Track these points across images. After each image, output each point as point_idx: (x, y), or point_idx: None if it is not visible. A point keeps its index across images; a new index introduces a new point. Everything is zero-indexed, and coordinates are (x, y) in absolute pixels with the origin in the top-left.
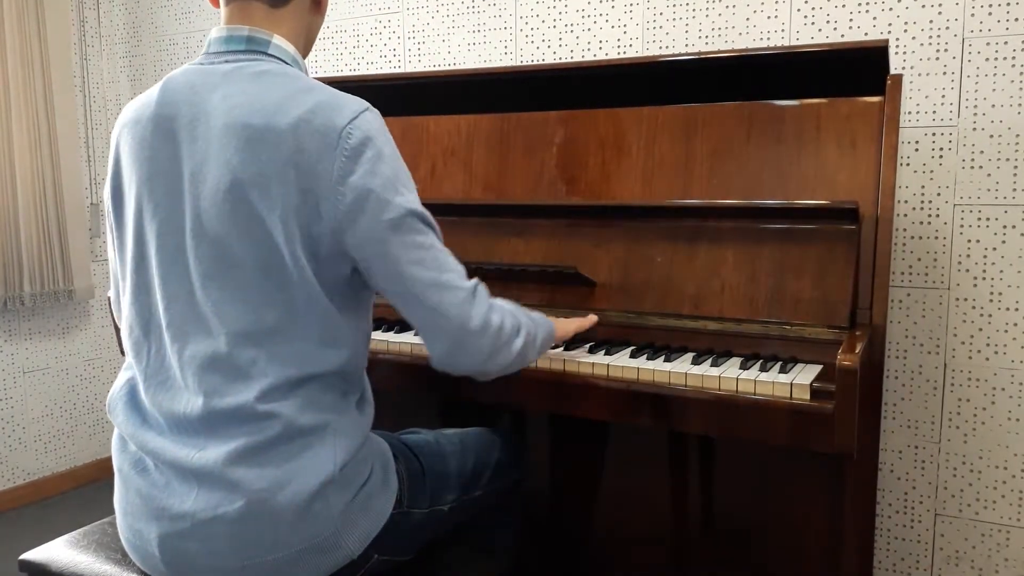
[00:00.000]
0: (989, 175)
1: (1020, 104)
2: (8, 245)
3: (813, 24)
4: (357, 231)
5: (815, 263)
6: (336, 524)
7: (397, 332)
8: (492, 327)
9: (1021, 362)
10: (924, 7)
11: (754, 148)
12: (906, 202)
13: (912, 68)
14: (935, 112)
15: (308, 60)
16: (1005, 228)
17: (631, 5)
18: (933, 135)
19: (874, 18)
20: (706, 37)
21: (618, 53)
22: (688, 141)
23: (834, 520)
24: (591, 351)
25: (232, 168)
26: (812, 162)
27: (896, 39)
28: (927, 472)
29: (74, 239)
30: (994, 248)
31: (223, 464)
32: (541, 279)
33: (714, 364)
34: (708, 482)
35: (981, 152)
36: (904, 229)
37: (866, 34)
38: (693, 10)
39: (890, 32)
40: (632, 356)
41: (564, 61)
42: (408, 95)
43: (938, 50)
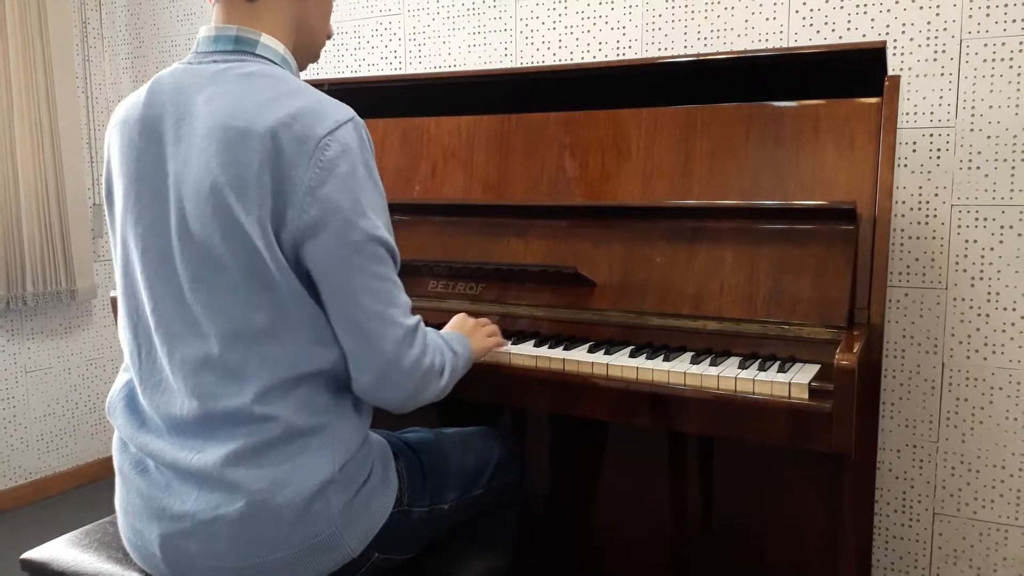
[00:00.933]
0: (986, 176)
1: (1017, 105)
2: (11, 245)
3: (811, 26)
4: (317, 245)
5: (813, 263)
6: (336, 523)
7: None
8: (422, 368)
9: (1019, 361)
10: (922, 9)
11: (753, 149)
12: (904, 203)
13: (910, 69)
14: (933, 113)
15: None
16: (1002, 228)
17: (630, 7)
18: (931, 136)
19: (872, 19)
20: (705, 39)
21: (618, 55)
22: (687, 142)
23: (832, 519)
24: (591, 351)
25: (212, 170)
26: (810, 163)
27: (894, 40)
28: (925, 471)
29: (76, 239)
30: (991, 248)
31: (222, 465)
32: (541, 279)
33: (713, 364)
34: (707, 481)
35: (978, 153)
36: (902, 229)
37: (864, 35)
38: (692, 12)
39: (888, 33)
40: (631, 356)
41: (564, 63)
42: (409, 96)
43: (936, 51)
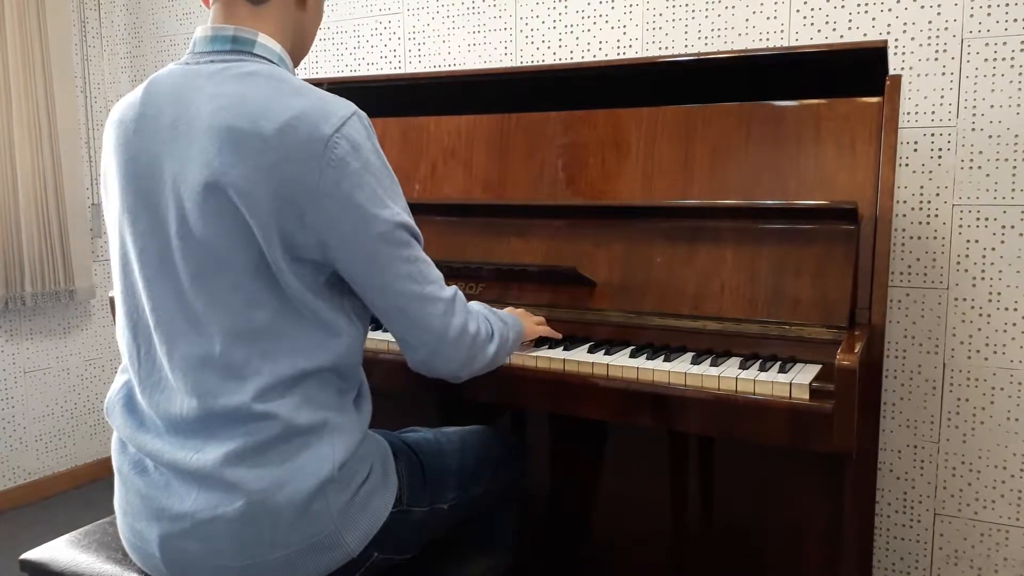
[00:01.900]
0: (988, 175)
1: (1019, 105)
2: (9, 245)
3: (812, 25)
4: (343, 243)
5: (814, 263)
6: (336, 523)
7: None
8: (468, 336)
9: (1020, 362)
10: (923, 8)
11: (753, 148)
12: (905, 202)
13: (911, 69)
14: (934, 113)
15: (308, 61)
16: (1004, 228)
17: (631, 6)
18: (932, 135)
19: (873, 19)
20: (706, 38)
21: (618, 54)
22: (688, 141)
23: (833, 520)
24: (591, 351)
25: (214, 170)
26: (811, 162)
27: (895, 40)
28: (926, 472)
29: (75, 239)
30: (993, 248)
31: (221, 465)
32: (541, 279)
33: (713, 364)
34: (707, 482)
35: (980, 152)
36: (903, 229)
37: (865, 35)
38: (693, 11)
39: (889, 33)
40: (632, 356)
41: (564, 62)
42: (408, 96)
43: (937, 51)
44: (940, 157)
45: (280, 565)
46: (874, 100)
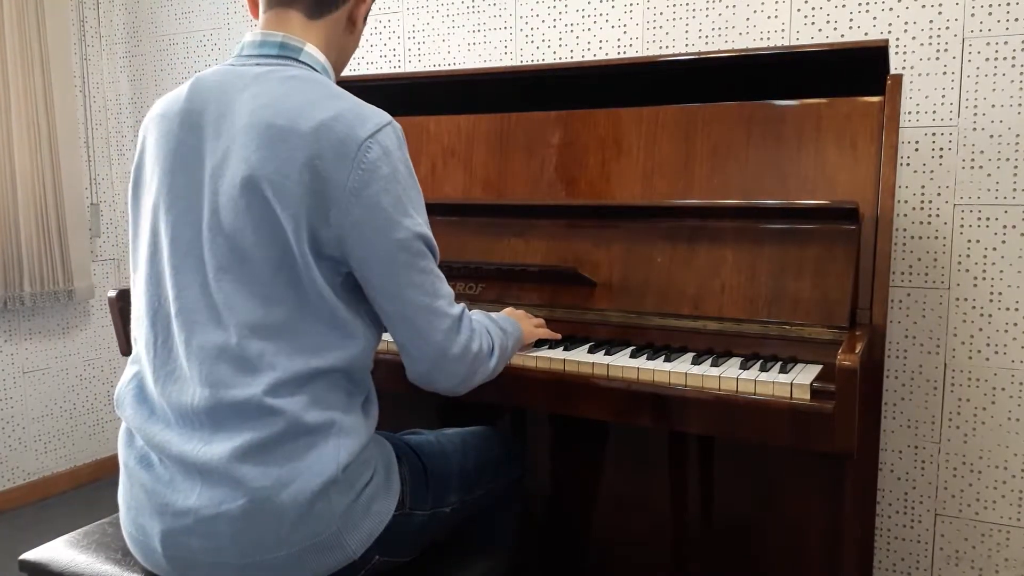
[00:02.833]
0: (989, 175)
1: (1020, 104)
2: (8, 245)
3: (813, 24)
4: (363, 244)
5: (815, 263)
6: (338, 524)
7: None
8: (471, 354)
9: (1021, 362)
10: (924, 7)
11: (754, 148)
12: (906, 202)
13: (912, 68)
14: (935, 112)
15: None
16: (1005, 228)
17: (631, 5)
18: (933, 135)
19: (874, 18)
20: (706, 37)
21: (618, 53)
22: (688, 141)
23: (834, 520)
24: (591, 351)
25: (251, 165)
26: (812, 162)
27: (896, 39)
28: (927, 472)
29: (74, 239)
30: (994, 248)
31: (228, 460)
32: (541, 279)
33: (714, 364)
34: (708, 482)
35: (981, 152)
36: (904, 229)
37: (866, 34)
38: (693, 10)
39: (890, 32)
40: (632, 356)
41: (564, 61)
42: (408, 95)
43: (938, 50)
44: (941, 157)
45: (281, 564)
46: (875, 99)
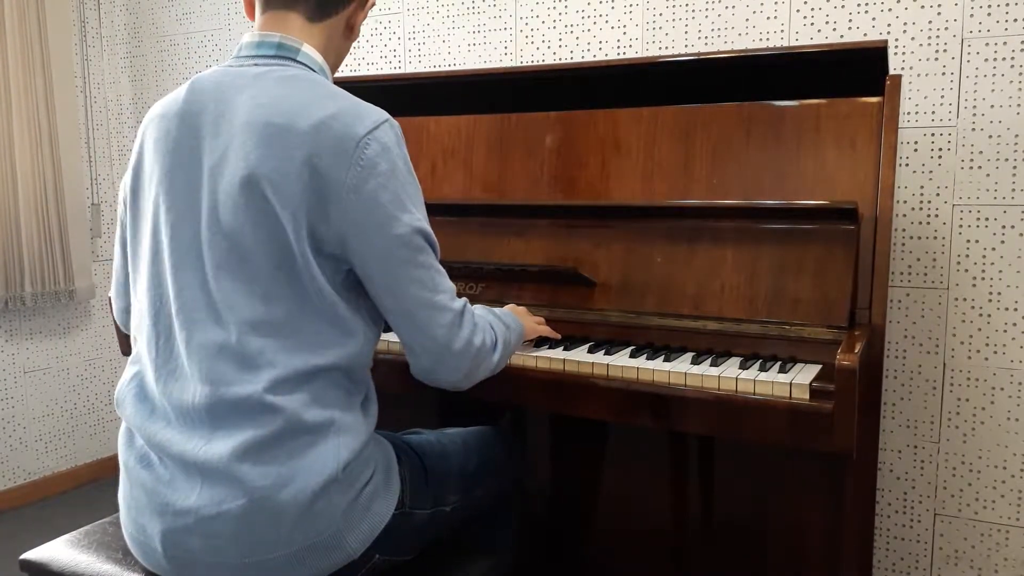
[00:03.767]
0: (988, 175)
1: (1019, 104)
2: (9, 245)
3: (812, 25)
4: (362, 240)
5: (814, 263)
6: (338, 523)
7: None
8: (473, 348)
9: (1020, 362)
10: (923, 8)
11: (754, 148)
12: (905, 202)
13: (911, 69)
14: (934, 112)
15: None
16: (1004, 228)
17: (631, 6)
18: (932, 135)
19: (873, 19)
20: (706, 38)
21: (618, 54)
22: (688, 141)
23: (833, 520)
24: (591, 351)
25: (250, 163)
26: (811, 162)
27: (895, 40)
28: (926, 472)
29: (75, 239)
30: (993, 248)
31: (228, 459)
32: (541, 279)
33: (713, 364)
34: (708, 481)
35: (980, 152)
36: (903, 229)
37: (865, 35)
38: (693, 11)
39: (889, 33)
40: (632, 356)
41: (564, 62)
42: (408, 96)
43: (937, 51)
44: (940, 157)
45: (281, 564)
46: (874, 100)
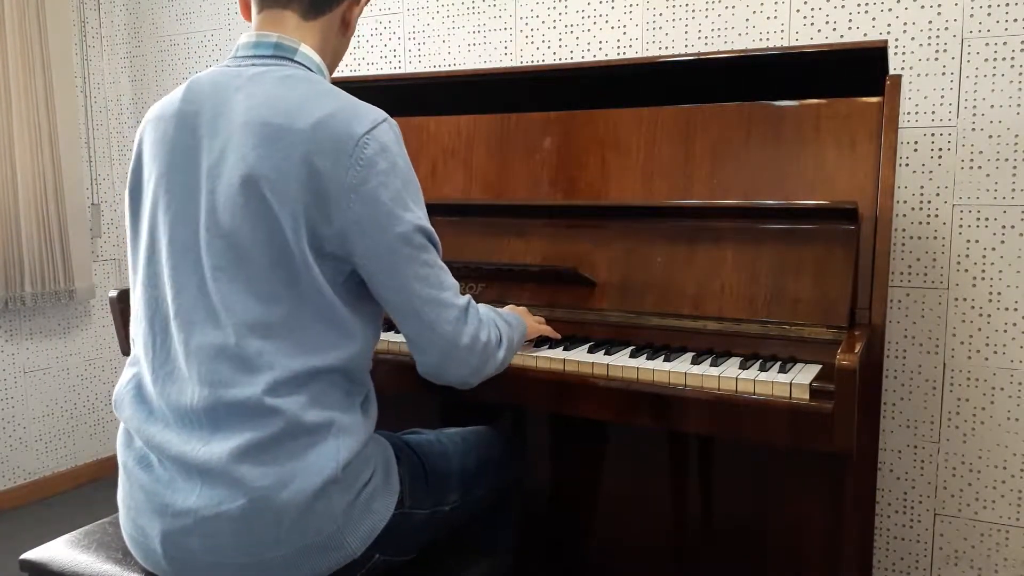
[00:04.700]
0: (988, 175)
1: (1019, 104)
2: (9, 245)
3: (812, 25)
4: (364, 239)
5: (814, 263)
6: (338, 523)
7: (397, 332)
8: (480, 343)
9: (1020, 362)
10: (923, 8)
11: (754, 148)
12: (905, 202)
13: (911, 69)
14: (934, 112)
15: None
16: (1004, 228)
17: (631, 6)
18: (932, 135)
19: (873, 19)
20: (706, 38)
21: (618, 54)
22: (688, 141)
23: (833, 519)
24: (591, 351)
25: (248, 163)
26: (811, 162)
27: (895, 40)
28: (926, 472)
29: (75, 239)
30: (993, 248)
31: (227, 460)
32: (541, 279)
33: (713, 364)
34: (708, 481)
35: (980, 152)
36: (903, 229)
37: (865, 35)
38: (693, 11)
39: (889, 33)
40: (632, 356)
41: (564, 62)
42: (408, 96)
43: (937, 51)
44: (940, 157)
45: (281, 564)
46: (874, 100)
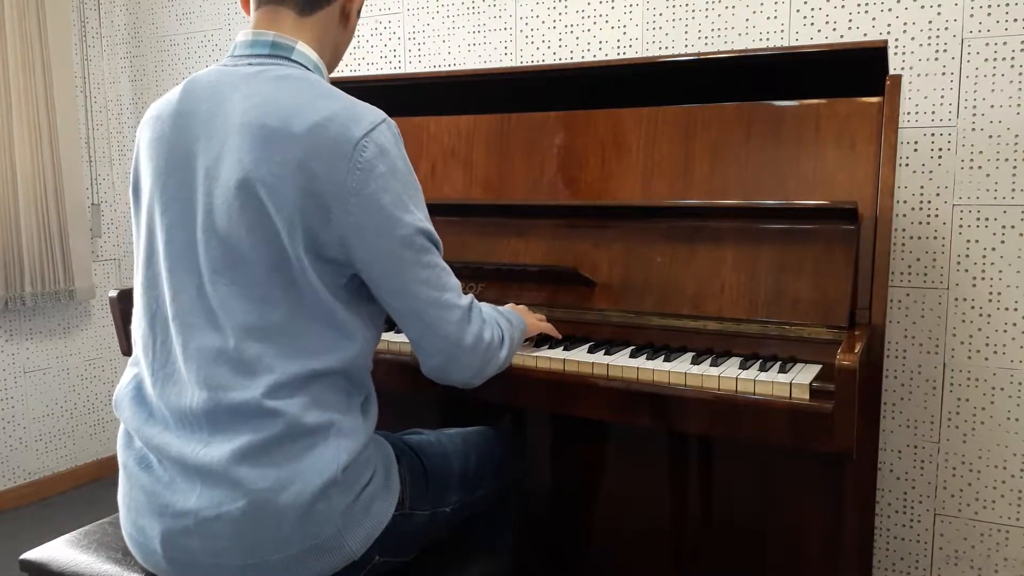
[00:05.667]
0: (988, 175)
1: (1019, 104)
2: (9, 245)
3: (812, 25)
4: (365, 244)
5: (814, 263)
6: (338, 525)
7: (397, 332)
8: (483, 343)
9: (1020, 362)
10: (923, 8)
11: (754, 148)
12: (905, 202)
13: (911, 69)
14: (934, 112)
15: None
16: (1004, 228)
17: (631, 6)
18: (932, 135)
19: (873, 19)
20: (706, 38)
21: (618, 54)
22: (688, 141)
23: (833, 520)
24: (591, 351)
25: (244, 166)
26: (811, 162)
27: (895, 40)
28: (926, 472)
29: (75, 239)
30: (993, 248)
31: (227, 462)
32: (541, 279)
33: (713, 364)
34: (708, 481)
35: (980, 152)
36: (903, 229)
37: (865, 35)
38: (693, 11)
39: (889, 33)
40: (632, 356)
41: (564, 62)
42: (408, 96)
43: (937, 51)
44: (940, 157)
45: (281, 565)
46: (874, 100)
